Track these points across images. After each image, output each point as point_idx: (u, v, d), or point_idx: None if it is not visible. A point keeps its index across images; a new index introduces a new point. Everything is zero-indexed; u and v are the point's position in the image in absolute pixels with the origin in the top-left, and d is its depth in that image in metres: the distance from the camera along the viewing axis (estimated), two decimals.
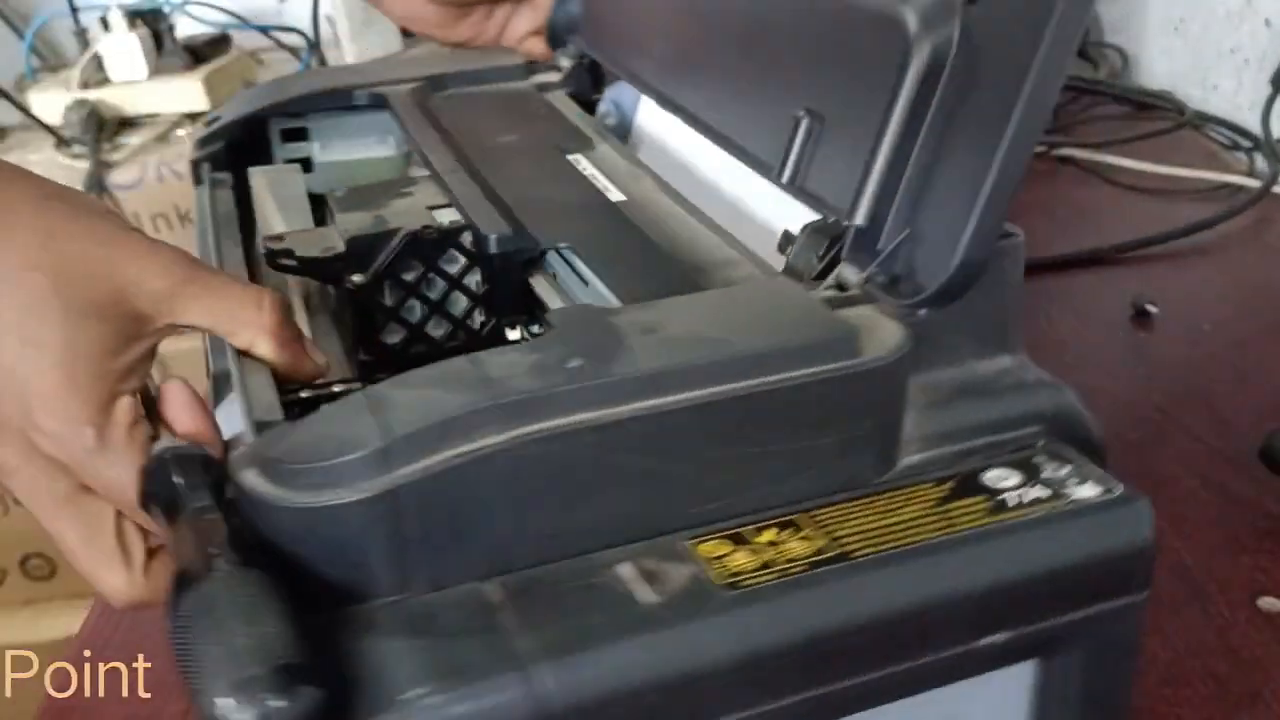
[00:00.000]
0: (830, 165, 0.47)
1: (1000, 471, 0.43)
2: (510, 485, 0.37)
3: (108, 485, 0.38)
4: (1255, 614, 0.56)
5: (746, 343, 0.41)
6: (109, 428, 0.38)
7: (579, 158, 0.63)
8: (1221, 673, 0.53)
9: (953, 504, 0.41)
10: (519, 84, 0.76)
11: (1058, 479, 0.42)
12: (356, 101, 0.72)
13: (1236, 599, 0.57)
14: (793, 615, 0.38)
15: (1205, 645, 0.54)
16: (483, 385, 0.38)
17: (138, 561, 0.40)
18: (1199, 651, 0.54)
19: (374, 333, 0.54)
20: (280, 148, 0.72)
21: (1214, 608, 0.57)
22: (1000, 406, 0.45)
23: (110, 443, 0.38)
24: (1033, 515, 0.41)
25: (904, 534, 0.40)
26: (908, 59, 0.42)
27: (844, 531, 0.40)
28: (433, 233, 0.53)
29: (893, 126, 0.43)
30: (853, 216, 0.45)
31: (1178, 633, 0.55)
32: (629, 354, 0.40)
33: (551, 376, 0.39)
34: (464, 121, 0.68)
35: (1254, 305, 0.86)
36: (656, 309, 0.44)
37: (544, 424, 0.37)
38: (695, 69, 0.60)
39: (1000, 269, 0.44)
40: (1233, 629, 0.55)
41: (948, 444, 0.44)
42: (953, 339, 0.45)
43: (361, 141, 0.72)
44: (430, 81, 0.74)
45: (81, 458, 0.38)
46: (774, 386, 0.40)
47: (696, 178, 0.61)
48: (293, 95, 0.72)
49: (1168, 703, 0.51)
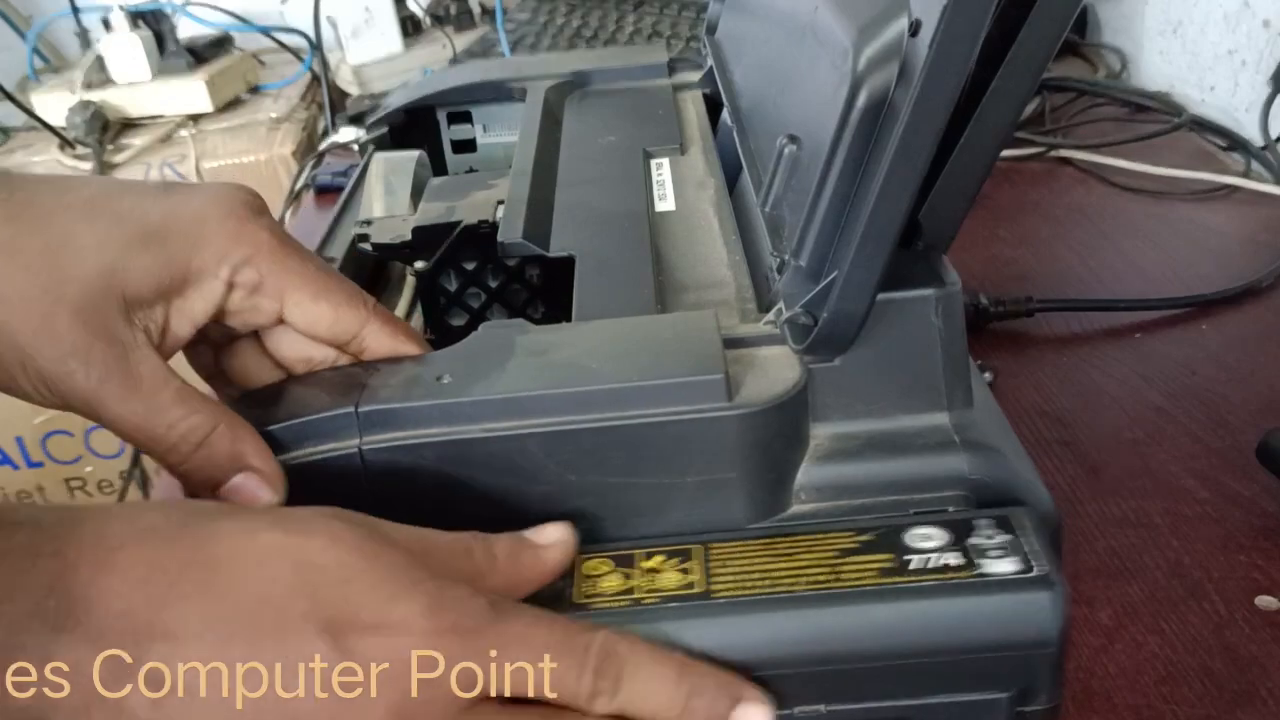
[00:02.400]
0: (796, 197, 0.45)
1: (927, 530, 0.40)
2: (366, 485, 0.41)
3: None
4: (1253, 612, 0.56)
5: (614, 376, 0.41)
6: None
7: (662, 162, 0.66)
8: (1218, 671, 0.53)
9: (851, 558, 0.40)
10: (658, 81, 0.79)
11: (980, 547, 0.39)
12: (509, 93, 0.77)
13: (1234, 597, 0.57)
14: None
15: (1202, 643, 0.54)
16: (353, 391, 0.42)
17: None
18: (1196, 650, 0.54)
19: (440, 315, 0.58)
20: (448, 130, 0.79)
21: (1211, 606, 0.57)
22: (912, 466, 0.43)
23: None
24: (923, 583, 0.38)
25: (779, 581, 0.39)
26: (855, 95, 0.40)
27: (725, 570, 0.40)
28: (486, 227, 0.57)
29: (836, 165, 0.41)
30: (797, 256, 0.43)
31: (1175, 631, 0.55)
32: (500, 376, 0.42)
33: (414, 391, 0.42)
34: (582, 118, 0.73)
35: (1254, 305, 0.86)
36: (566, 332, 0.47)
37: (390, 435, 0.41)
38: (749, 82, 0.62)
39: (926, 319, 0.43)
40: (1230, 627, 0.55)
41: (845, 497, 0.43)
42: (869, 389, 0.44)
43: (519, 125, 0.75)
44: (575, 77, 0.78)
45: None
46: (626, 422, 0.40)
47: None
48: (453, 86, 0.79)
49: (1164, 700, 0.52)
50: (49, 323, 0.38)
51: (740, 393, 0.41)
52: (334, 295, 0.44)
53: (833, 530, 0.41)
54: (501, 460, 0.41)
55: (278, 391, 0.45)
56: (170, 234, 0.41)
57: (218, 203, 0.43)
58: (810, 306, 0.42)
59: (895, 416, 0.44)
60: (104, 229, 0.40)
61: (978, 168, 0.43)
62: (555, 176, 0.62)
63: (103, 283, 0.40)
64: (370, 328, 0.45)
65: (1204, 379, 0.75)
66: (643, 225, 0.57)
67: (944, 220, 0.44)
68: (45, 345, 0.38)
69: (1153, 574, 0.59)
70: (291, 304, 0.44)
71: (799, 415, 0.43)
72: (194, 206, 0.42)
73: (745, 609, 0.38)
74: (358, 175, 0.69)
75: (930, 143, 0.37)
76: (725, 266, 0.54)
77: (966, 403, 0.44)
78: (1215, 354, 0.78)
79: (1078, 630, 0.55)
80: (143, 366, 0.40)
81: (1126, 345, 0.80)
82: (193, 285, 0.42)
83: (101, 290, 0.39)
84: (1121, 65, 1.36)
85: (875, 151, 0.39)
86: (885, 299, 0.42)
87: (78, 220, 0.40)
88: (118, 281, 0.40)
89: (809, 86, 0.47)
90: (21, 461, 1.50)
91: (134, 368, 0.40)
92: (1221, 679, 0.53)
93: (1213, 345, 0.80)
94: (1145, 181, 1.06)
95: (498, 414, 0.41)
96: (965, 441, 0.43)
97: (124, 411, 0.39)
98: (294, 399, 0.43)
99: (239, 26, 1.61)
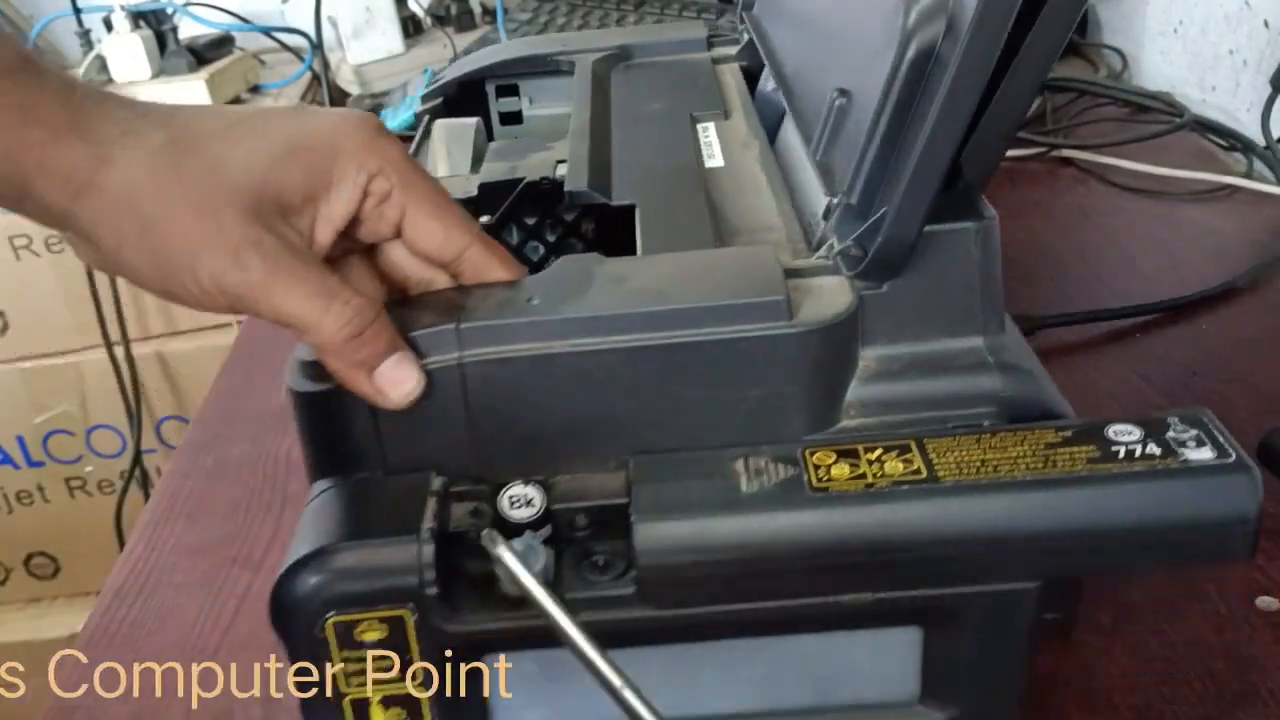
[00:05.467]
0: (846, 144, 0.51)
1: (1126, 426, 0.45)
2: (465, 395, 0.46)
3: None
4: (1253, 613, 0.57)
5: (686, 298, 0.46)
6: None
7: (708, 125, 0.71)
8: (1219, 671, 0.53)
9: (1060, 449, 0.44)
10: (698, 55, 0.84)
11: (1178, 439, 0.44)
12: (555, 66, 0.82)
13: (1235, 598, 0.58)
14: (862, 520, 0.43)
15: (1203, 644, 0.55)
16: (453, 311, 0.47)
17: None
18: (1197, 650, 0.55)
19: None
20: (495, 102, 0.84)
21: (1212, 606, 0.57)
22: (951, 384, 0.48)
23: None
24: (1134, 469, 0.43)
25: (998, 468, 0.44)
26: (905, 47, 0.45)
27: (944, 460, 0.44)
28: (548, 183, 0.62)
29: (886, 112, 0.46)
30: (849, 195, 0.48)
31: (1176, 631, 0.56)
32: (583, 299, 0.47)
33: (507, 311, 0.47)
34: (629, 88, 0.78)
35: (1254, 305, 0.86)
36: (638, 263, 0.53)
37: (486, 349, 0.46)
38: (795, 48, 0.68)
39: (967, 249, 0.48)
40: (1231, 628, 0.56)
41: (890, 413, 0.48)
42: (912, 315, 0.49)
43: (563, 98, 0.81)
44: (619, 50, 0.83)
45: None
46: (697, 339, 0.46)
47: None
48: (502, 59, 0.84)
49: (1165, 700, 0.52)
50: (219, 223, 0.44)
51: (799, 314, 0.46)
52: (447, 214, 0.50)
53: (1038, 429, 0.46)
54: (585, 374, 0.46)
55: (386, 309, 0.50)
56: (313, 147, 0.47)
57: (350, 120, 0.49)
58: (861, 240, 0.47)
59: (935, 340, 0.49)
60: (254, 145, 0.46)
61: (1014, 114, 0.48)
62: (610, 138, 0.68)
63: (260, 191, 0.45)
64: (473, 249, 0.50)
65: (1204, 379, 0.76)
66: (696, 178, 0.62)
67: (982, 162, 0.49)
68: (219, 243, 0.44)
69: (1153, 574, 0.59)
70: (411, 218, 0.49)
71: (850, 337, 0.48)
72: (330, 123, 0.48)
73: (976, 491, 0.43)
74: (416, 143, 0.74)
75: (978, 87, 0.43)
76: (775, 214, 0.58)
77: (999, 328, 0.49)
78: (1215, 354, 0.79)
79: (1078, 630, 0.55)
80: (307, 258, 0.46)
81: (1127, 345, 0.81)
82: (334, 191, 0.47)
83: (260, 198, 0.45)
84: (1122, 65, 1.36)
85: (923, 99, 0.45)
86: (930, 231, 0.47)
87: (230, 140, 0.46)
88: (272, 190, 0.45)
89: (857, 43, 0.53)
90: (22, 461, 1.51)
91: (301, 259, 0.45)
92: (1222, 679, 0.53)
93: (1213, 345, 0.80)
94: (1146, 182, 1.07)
95: (582, 331, 0.46)
96: (999, 363, 0.48)
97: (293, 299, 0.45)
98: (399, 318, 0.47)
99: (240, 26, 1.62)
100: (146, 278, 0.45)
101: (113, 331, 1.45)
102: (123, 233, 0.44)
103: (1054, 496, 0.43)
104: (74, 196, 0.44)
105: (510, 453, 0.47)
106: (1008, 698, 0.48)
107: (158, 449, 1.53)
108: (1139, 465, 0.43)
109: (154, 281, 0.45)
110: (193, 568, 0.69)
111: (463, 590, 0.45)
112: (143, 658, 0.62)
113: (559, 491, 0.47)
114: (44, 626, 1.52)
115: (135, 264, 0.45)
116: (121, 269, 0.46)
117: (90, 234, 0.45)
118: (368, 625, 0.44)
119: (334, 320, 0.45)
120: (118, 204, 0.44)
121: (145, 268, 0.45)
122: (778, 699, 0.49)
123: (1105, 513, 0.43)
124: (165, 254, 0.44)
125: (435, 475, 0.47)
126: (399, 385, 0.46)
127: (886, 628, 0.47)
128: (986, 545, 0.43)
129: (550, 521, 0.46)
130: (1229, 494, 0.43)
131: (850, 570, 0.44)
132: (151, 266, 0.44)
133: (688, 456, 0.46)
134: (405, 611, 0.44)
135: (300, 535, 0.46)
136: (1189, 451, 0.44)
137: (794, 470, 0.45)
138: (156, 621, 0.66)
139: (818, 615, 0.45)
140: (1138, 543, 0.44)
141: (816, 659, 0.48)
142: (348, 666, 0.45)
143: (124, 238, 0.44)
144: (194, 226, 0.44)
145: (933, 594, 0.45)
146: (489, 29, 1.55)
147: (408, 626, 0.44)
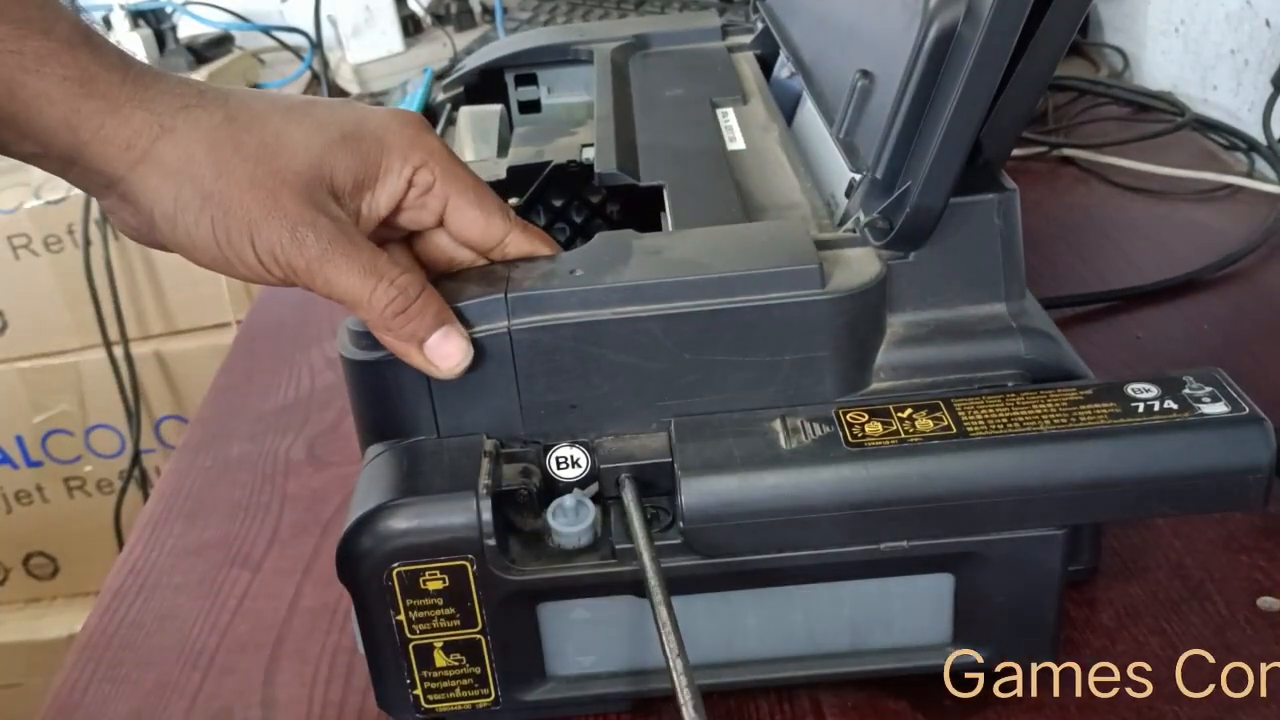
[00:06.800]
0: (870, 122, 0.54)
1: (1144, 384, 0.48)
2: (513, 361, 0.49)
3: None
4: (1254, 613, 0.57)
5: (722, 267, 0.49)
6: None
7: (727, 110, 0.73)
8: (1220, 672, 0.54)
9: (1083, 406, 0.47)
10: (714, 44, 0.87)
11: (1193, 395, 0.47)
12: (573, 56, 0.85)
13: (1235, 598, 0.58)
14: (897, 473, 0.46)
15: (1204, 644, 0.55)
16: (500, 283, 0.50)
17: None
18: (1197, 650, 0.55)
19: None
20: (515, 91, 0.87)
21: (1213, 607, 0.58)
22: (976, 349, 0.51)
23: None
24: (1154, 422, 0.46)
25: (1024, 424, 0.47)
26: (927, 29, 0.47)
27: (973, 417, 0.47)
28: (575, 166, 0.65)
29: (909, 91, 0.49)
30: (875, 170, 0.51)
31: (1176, 631, 0.56)
32: (624, 269, 0.50)
33: (552, 281, 0.50)
34: (648, 75, 0.81)
35: (1253, 304, 0.87)
36: (673, 236, 0.55)
37: (533, 318, 0.49)
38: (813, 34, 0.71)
39: (989, 220, 0.51)
40: (1231, 628, 0.57)
41: (918, 376, 0.51)
42: (938, 283, 0.51)
43: (580, 87, 0.85)
44: (636, 40, 0.86)
45: None
46: (734, 306, 0.48)
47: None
48: (521, 49, 0.87)
49: (1165, 700, 0.53)
50: (276, 199, 0.47)
51: (830, 282, 0.49)
52: (488, 205, 0.53)
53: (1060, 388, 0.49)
54: (628, 340, 0.49)
55: (434, 284, 0.52)
56: (364, 137, 0.50)
57: (397, 117, 0.52)
58: (887, 213, 0.51)
59: (960, 306, 0.52)
60: (309, 130, 0.49)
61: (1031, 94, 0.51)
62: (633, 122, 0.71)
63: (314, 173, 0.48)
64: (513, 235, 0.53)
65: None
66: (720, 160, 0.65)
67: (1001, 140, 0.52)
68: (277, 218, 0.47)
69: (1154, 574, 0.60)
70: (453, 208, 0.52)
71: (879, 304, 0.51)
72: (380, 117, 0.51)
73: (1004, 444, 0.46)
74: (440, 130, 0.77)
75: (999, 67, 0.46)
76: (799, 192, 0.62)
77: (1021, 295, 0.52)
78: (1216, 353, 0.80)
79: (1079, 631, 0.57)
80: (358, 239, 0.49)
81: (1127, 345, 0.82)
82: (381, 180, 0.51)
83: (315, 180, 0.48)
84: (1124, 65, 1.38)
85: (945, 79, 0.48)
86: (954, 203, 0.50)
87: (286, 122, 0.49)
88: (325, 173, 0.48)
89: (878, 26, 0.56)
90: (21, 461, 1.51)
91: (351, 239, 0.48)
92: (1223, 680, 0.53)
93: (1213, 344, 0.81)
94: (1148, 181, 1.08)
95: (625, 299, 0.49)
96: (1021, 327, 0.51)
97: (345, 277, 0.47)
98: (449, 290, 0.51)
99: (239, 25, 1.64)
100: (201, 247, 0.48)
101: (112, 331, 1.46)
102: (183, 201, 0.47)
103: (1078, 448, 0.46)
104: (132, 165, 0.46)
105: (556, 416, 0.50)
106: (1037, 640, 0.50)
107: (156, 449, 1.54)
108: (1157, 419, 0.46)
109: (208, 249, 0.48)
110: (192, 568, 0.70)
111: (515, 543, 0.49)
112: (142, 658, 0.63)
113: (604, 452, 0.50)
114: (43, 626, 1.53)
115: (191, 232, 0.47)
116: (172, 237, 0.48)
117: (146, 201, 0.47)
118: (431, 575, 0.47)
119: (381, 297, 0.48)
120: (179, 174, 0.47)
121: (202, 237, 0.47)
122: (817, 643, 0.51)
123: (1126, 463, 0.46)
124: (225, 224, 0.47)
125: (487, 437, 0.50)
126: (448, 358, 0.49)
127: (920, 574, 0.50)
128: (1015, 495, 0.46)
129: (596, 479, 0.49)
130: (1243, 445, 0.46)
131: (886, 520, 0.47)
132: (209, 236, 0.47)
133: (726, 418, 0.49)
134: (466, 561, 0.47)
135: (362, 493, 0.49)
136: (1204, 406, 0.47)
137: (829, 429, 0.48)
138: (155, 621, 0.66)
139: (855, 563, 0.48)
140: (1157, 491, 0.46)
141: (854, 604, 0.51)
142: (412, 614, 0.48)
143: (184, 206, 0.47)
144: (253, 200, 0.47)
145: (964, 541, 0.48)
146: (488, 28, 1.57)
147: (469, 575, 0.47)
